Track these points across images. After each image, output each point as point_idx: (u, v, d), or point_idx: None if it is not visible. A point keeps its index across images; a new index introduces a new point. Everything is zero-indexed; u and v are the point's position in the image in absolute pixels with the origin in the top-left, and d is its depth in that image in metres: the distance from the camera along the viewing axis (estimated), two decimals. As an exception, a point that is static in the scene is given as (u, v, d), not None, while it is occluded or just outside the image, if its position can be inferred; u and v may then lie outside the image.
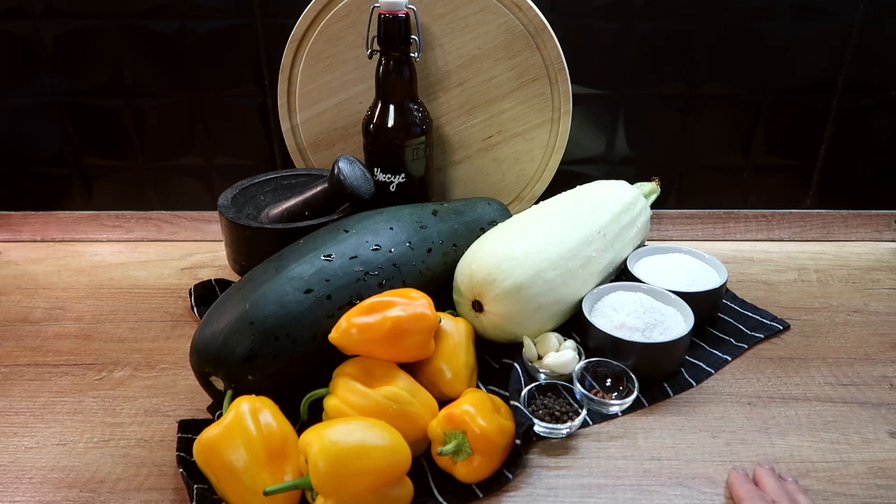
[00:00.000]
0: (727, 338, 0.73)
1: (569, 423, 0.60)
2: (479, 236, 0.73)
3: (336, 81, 0.84)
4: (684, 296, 0.70)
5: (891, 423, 0.62)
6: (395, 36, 0.73)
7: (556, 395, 0.63)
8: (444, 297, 0.70)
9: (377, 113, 0.77)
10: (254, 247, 0.73)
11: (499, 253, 0.67)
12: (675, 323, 0.67)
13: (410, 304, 0.60)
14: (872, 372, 0.68)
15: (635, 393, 0.62)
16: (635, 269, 0.77)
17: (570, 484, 0.56)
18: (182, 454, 0.56)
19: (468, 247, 0.71)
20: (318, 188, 0.76)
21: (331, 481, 0.48)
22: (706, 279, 0.75)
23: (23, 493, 0.56)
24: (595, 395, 0.64)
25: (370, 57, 0.78)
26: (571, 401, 0.62)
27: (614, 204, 0.78)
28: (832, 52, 0.85)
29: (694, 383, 0.67)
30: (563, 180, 0.88)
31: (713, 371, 0.68)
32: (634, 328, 0.66)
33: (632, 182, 0.85)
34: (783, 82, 0.87)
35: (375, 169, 0.79)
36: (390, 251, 0.67)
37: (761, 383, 0.67)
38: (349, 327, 0.58)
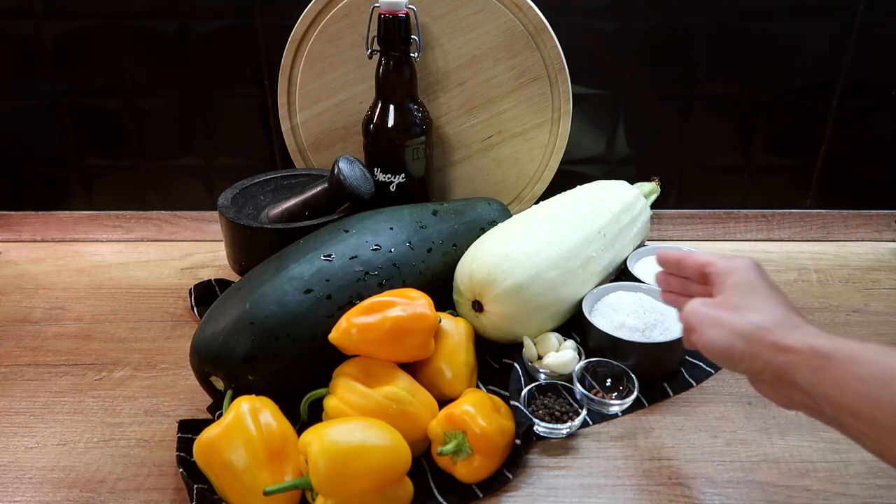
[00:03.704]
0: (727, 338, 0.73)
1: (569, 423, 0.60)
2: (479, 236, 0.73)
3: (336, 81, 0.84)
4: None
5: (891, 423, 0.62)
6: (395, 36, 0.73)
7: (556, 395, 0.63)
8: (444, 297, 0.70)
9: (377, 113, 0.77)
10: (254, 247, 0.73)
11: (499, 253, 0.67)
12: (675, 323, 0.67)
13: (410, 304, 0.60)
14: (872, 372, 0.68)
15: (635, 393, 0.62)
16: (635, 269, 0.77)
17: (570, 484, 0.56)
18: (182, 454, 0.56)
19: (468, 247, 0.71)
20: (318, 188, 0.76)
21: (331, 481, 0.48)
22: (706, 279, 0.75)
23: (23, 493, 0.56)
24: (595, 395, 0.64)
25: (370, 57, 0.78)
26: (571, 401, 0.62)
27: (614, 204, 0.78)
28: (832, 52, 0.85)
29: (694, 383, 0.67)
30: (563, 180, 0.88)
31: (713, 371, 0.68)
32: (634, 328, 0.66)
33: (632, 182, 0.85)
34: (783, 82, 0.87)
35: (375, 169, 0.79)
36: (390, 251, 0.67)
37: (761, 383, 0.67)
38: (349, 327, 0.58)
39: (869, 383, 0.38)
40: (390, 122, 0.77)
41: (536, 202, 0.88)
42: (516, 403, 0.60)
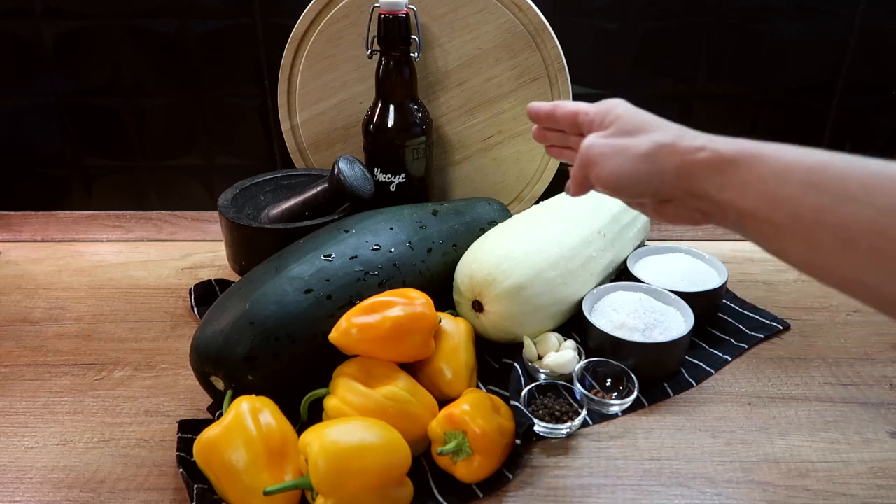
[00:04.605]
0: (727, 338, 0.73)
1: (569, 423, 0.60)
2: (479, 236, 0.73)
3: (336, 81, 0.84)
4: (684, 296, 0.70)
5: (891, 423, 0.62)
6: (395, 36, 0.73)
7: (556, 395, 0.63)
8: (444, 297, 0.70)
9: (377, 113, 0.77)
10: (254, 247, 0.74)
11: (499, 253, 0.67)
12: (675, 323, 0.67)
13: (410, 304, 0.60)
14: (872, 372, 0.68)
15: (635, 393, 0.62)
16: (635, 269, 0.77)
17: (570, 484, 0.56)
18: (182, 454, 0.56)
19: (468, 247, 0.71)
20: (318, 188, 0.76)
21: (331, 481, 0.48)
22: (706, 279, 0.75)
23: (23, 493, 0.56)
24: (595, 395, 0.64)
25: (370, 57, 0.78)
26: (571, 401, 0.62)
27: (614, 204, 0.78)
28: (832, 52, 0.85)
29: (694, 383, 0.67)
30: (564, 180, 0.87)
31: (713, 371, 0.68)
32: (634, 328, 0.66)
33: (632, 182, 0.85)
34: (783, 82, 0.87)
35: (375, 169, 0.79)
36: (390, 251, 0.67)
37: (761, 383, 0.67)
38: (349, 327, 0.58)
39: (767, 182, 0.38)
40: (390, 122, 0.77)
41: (536, 202, 0.88)
42: (516, 403, 0.60)
